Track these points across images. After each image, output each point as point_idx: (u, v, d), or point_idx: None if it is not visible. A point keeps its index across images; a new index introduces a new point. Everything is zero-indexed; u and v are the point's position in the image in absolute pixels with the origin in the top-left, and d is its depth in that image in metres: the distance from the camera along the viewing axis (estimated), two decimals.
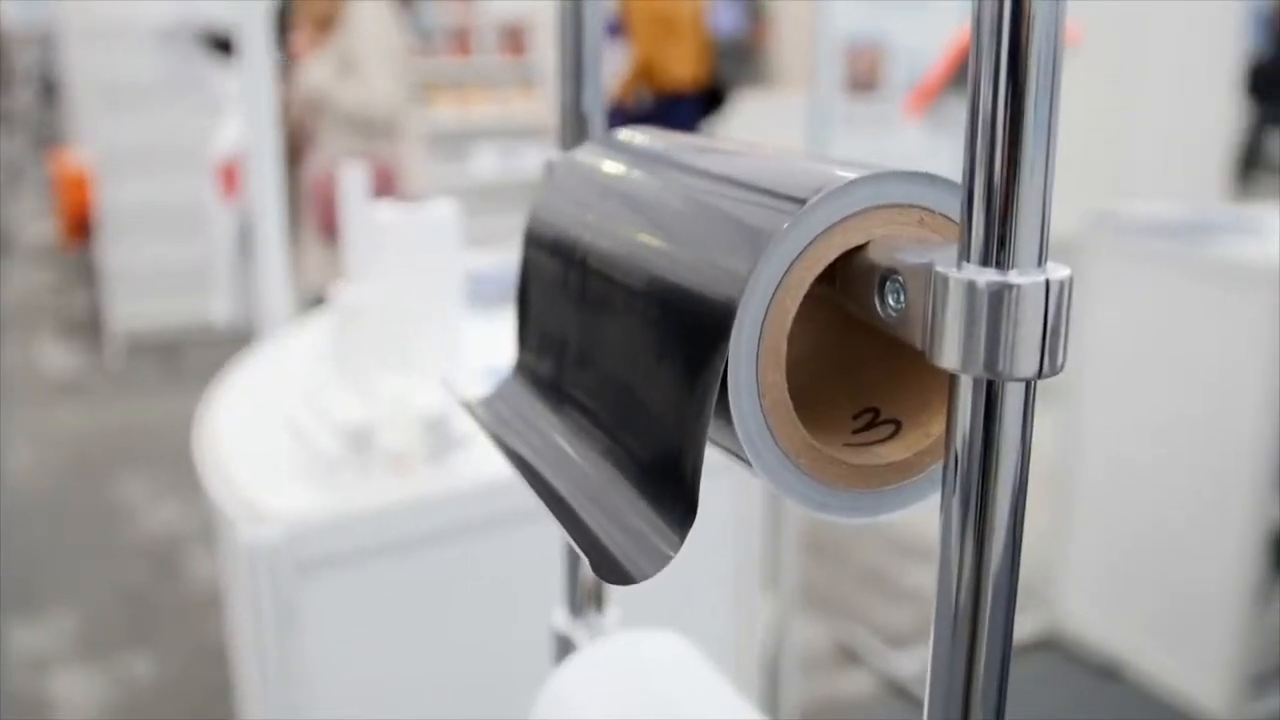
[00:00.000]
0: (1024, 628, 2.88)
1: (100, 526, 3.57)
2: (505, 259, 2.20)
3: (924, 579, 3.09)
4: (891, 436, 0.41)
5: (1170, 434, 2.59)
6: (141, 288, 5.28)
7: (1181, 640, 2.62)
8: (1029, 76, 0.32)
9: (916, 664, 2.63)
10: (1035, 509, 1.97)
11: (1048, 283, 0.33)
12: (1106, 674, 2.72)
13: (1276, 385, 2.34)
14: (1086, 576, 2.83)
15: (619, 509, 0.37)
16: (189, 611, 3.07)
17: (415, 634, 1.11)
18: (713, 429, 0.40)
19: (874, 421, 0.42)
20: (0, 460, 4.08)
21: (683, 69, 5.04)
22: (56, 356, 5.30)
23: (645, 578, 0.35)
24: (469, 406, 0.50)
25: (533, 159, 6.03)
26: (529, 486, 0.42)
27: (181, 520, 3.59)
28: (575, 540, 0.37)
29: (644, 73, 4.98)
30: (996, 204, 0.33)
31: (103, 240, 5.20)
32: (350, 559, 1.02)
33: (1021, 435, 0.34)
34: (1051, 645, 2.85)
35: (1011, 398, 0.33)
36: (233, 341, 3.25)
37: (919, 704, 0.42)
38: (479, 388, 0.54)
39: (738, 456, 0.39)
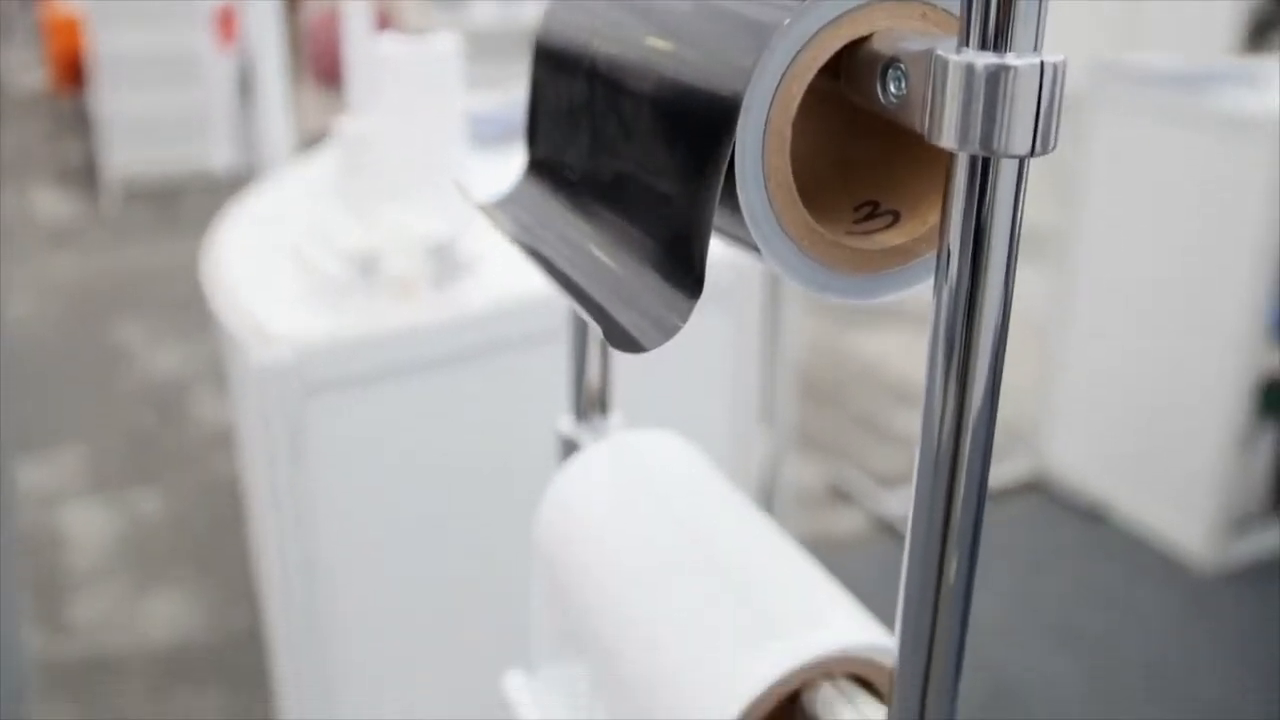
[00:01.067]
0: (1012, 472, 2.95)
1: (103, 370, 3.62)
2: (505, 100, 2.19)
3: (915, 424, 3.14)
4: (890, 225, 0.43)
5: (1164, 283, 2.61)
6: (136, 135, 5.24)
7: (1165, 484, 2.68)
8: None
9: (906, 505, 2.69)
10: (1025, 357, 2.02)
11: (1043, 64, 0.34)
12: (1092, 517, 2.79)
13: (1273, 234, 2.35)
14: (1074, 422, 2.89)
15: (630, 287, 0.39)
16: (194, 451, 3.13)
17: (421, 455, 1.14)
18: (722, 219, 0.42)
19: (874, 213, 0.44)
20: (0, 307, 4.10)
21: None
22: (52, 205, 5.28)
23: (655, 346, 0.37)
24: (482, 206, 0.52)
25: (533, 7, 5.93)
26: (542, 272, 0.44)
27: (184, 364, 3.63)
28: (588, 313, 0.40)
29: None
30: None
31: (96, 87, 5.14)
32: (358, 381, 1.05)
33: (1013, 213, 0.36)
34: (1039, 489, 2.92)
35: (1005, 174, 0.35)
36: (230, 187, 3.24)
37: None
38: (491, 193, 0.56)
39: (745, 243, 0.41)
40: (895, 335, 3.73)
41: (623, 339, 0.38)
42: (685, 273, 0.38)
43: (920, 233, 0.42)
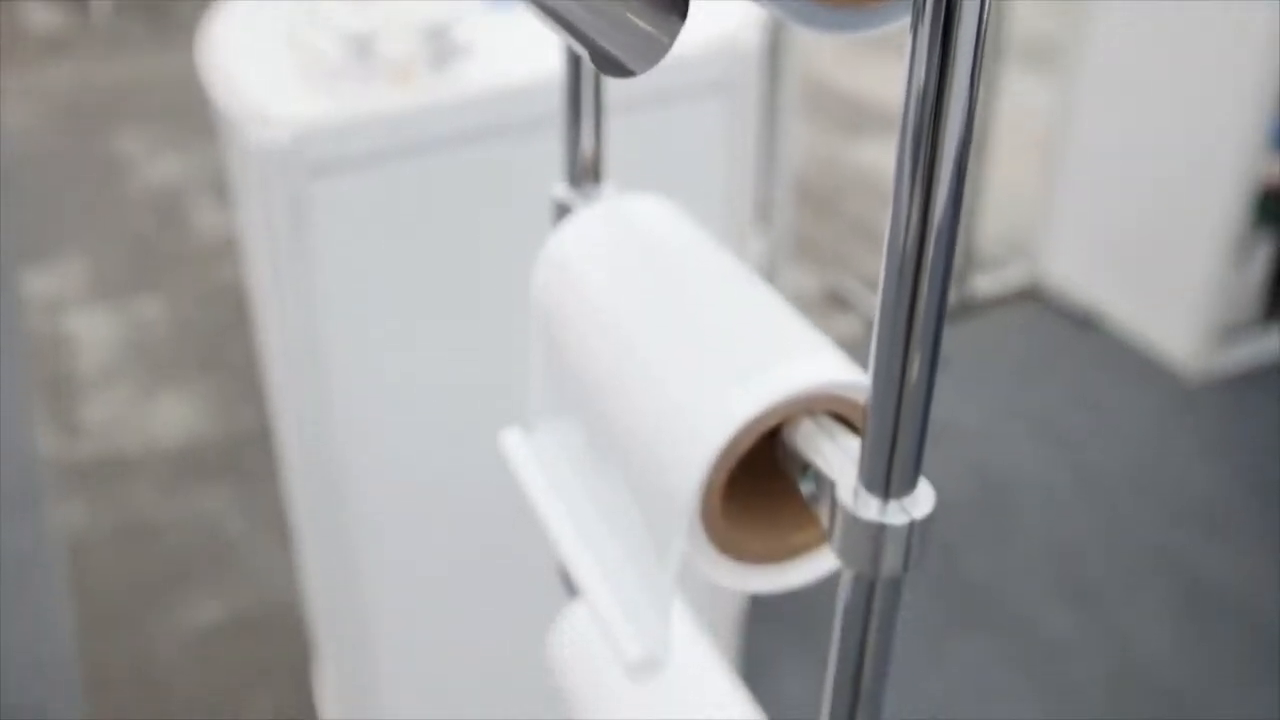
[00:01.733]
0: (1008, 280, 2.97)
1: (103, 179, 3.60)
2: None
3: None
4: None
5: (1166, 92, 2.59)
6: None
7: (1159, 293, 2.71)
8: None
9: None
10: (1025, 169, 2.02)
11: None
12: (1085, 323, 2.82)
13: (1276, 44, 2.32)
14: (1071, 230, 2.89)
15: (618, 15, 0.40)
16: (196, 258, 3.14)
17: (423, 238, 1.16)
18: None
19: None
20: None
21: None
22: (42, 15, 5.17)
23: (642, 71, 0.39)
24: None
25: None
26: (531, 7, 0.45)
27: (183, 172, 3.62)
28: (577, 42, 0.41)
29: None
30: None
31: None
32: (357, 163, 1.06)
33: None
34: (1034, 296, 2.94)
35: None
36: None
37: None
38: None
39: None
40: (893, 143, 3.70)
41: (611, 64, 0.39)
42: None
43: None
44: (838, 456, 0.50)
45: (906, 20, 0.44)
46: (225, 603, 2.04)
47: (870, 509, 0.47)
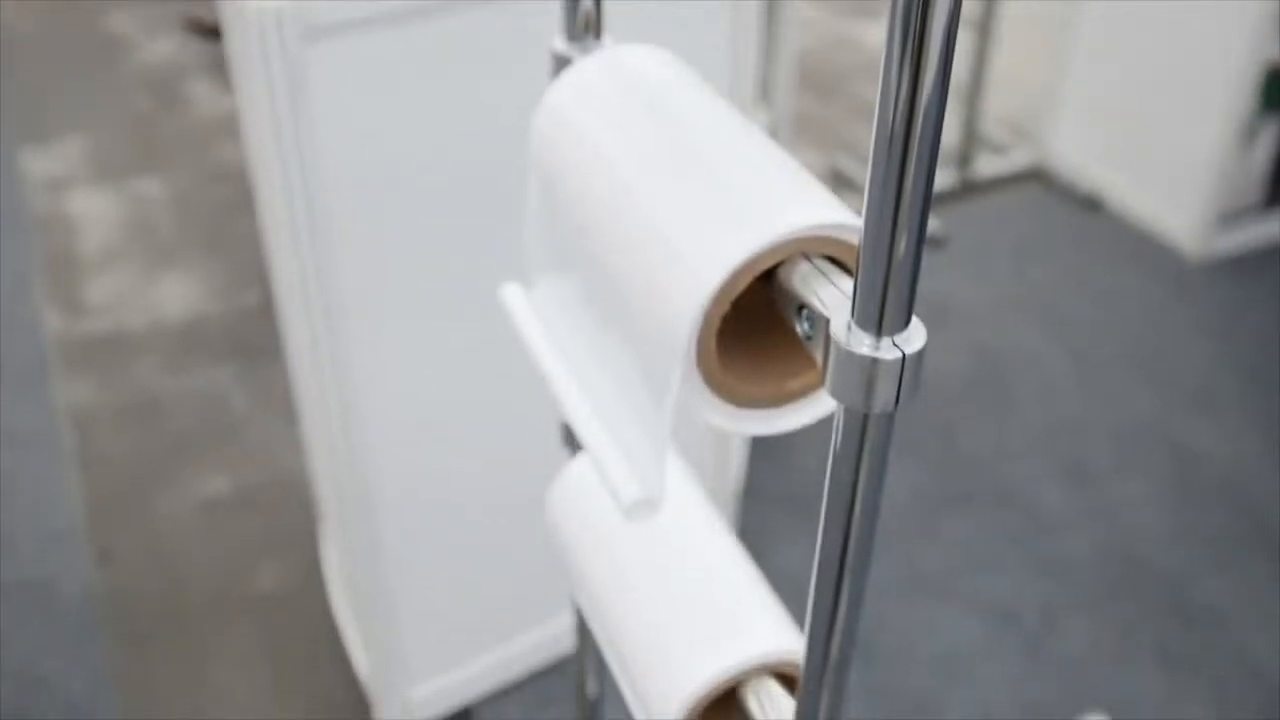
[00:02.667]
0: (1014, 162, 2.95)
1: (99, 61, 3.56)
2: None
3: None
4: None
5: None
6: None
7: (1163, 176, 2.69)
8: None
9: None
10: (1032, 55, 1.99)
11: None
12: (1089, 206, 2.81)
13: None
14: (1076, 114, 2.87)
15: None
16: (197, 138, 3.12)
17: (424, 102, 1.15)
18: None
19: None
20: None
21: None
22: None
23: None
24: None
25: None
26: None
27: (180, 52, 3.57)
28: None
29: None
30: None
31: None
32: (355, 26, 1.05)
33: None
34: (1038, 178, 2.93)
35: None
36: None
37: None
38: None
39: None
40: None
41: None
42: None
43: None
44: (832, 295, 0.51)
45: None
46: (231, 476, 2.07)
47: (863, 344, 0.48)
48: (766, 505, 1.98)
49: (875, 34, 3.60)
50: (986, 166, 2.91)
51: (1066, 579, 1.90)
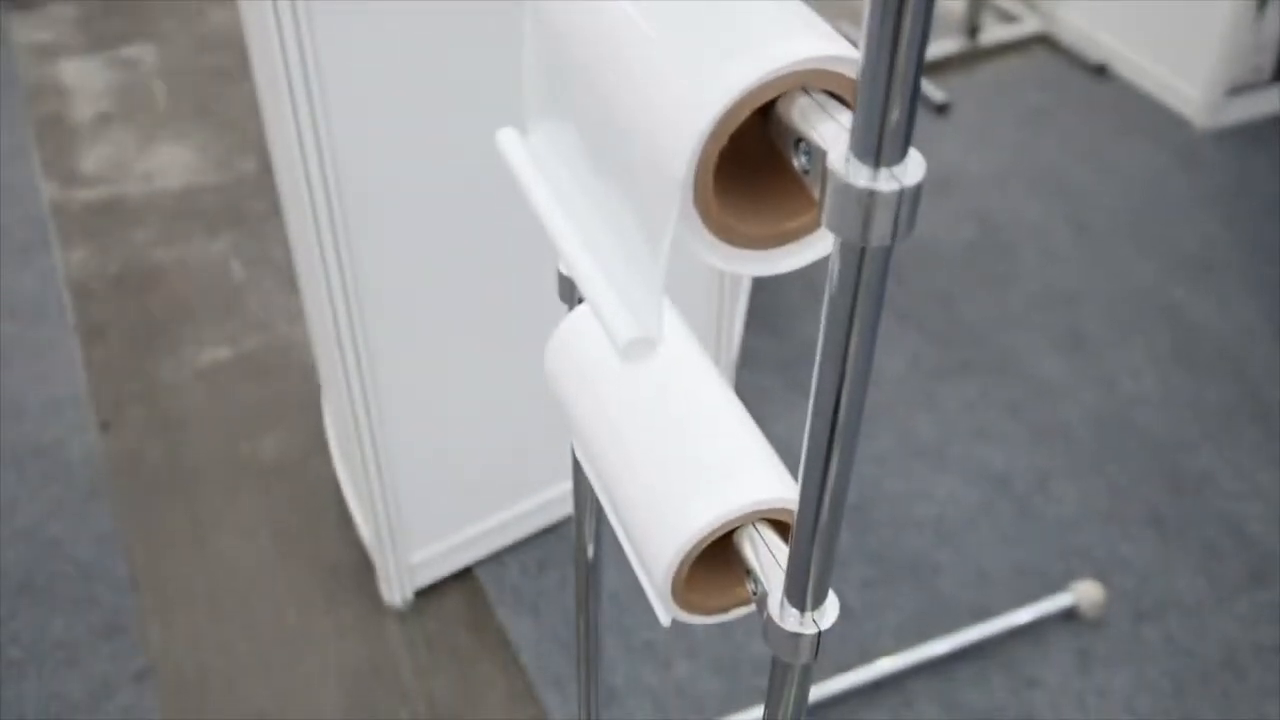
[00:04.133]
0: (1021, 29, 2.90)
1: None
2: None
3: None
4: None
5: None
6: None
7: (1172, 45, 2.64)
8: None
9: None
10: None
11: None
12: (1096, 73, 2.77)
13: None
14: None
15: None
16: (185, 4, 3.06)
17: (425, 35, 1.13)
18: None
19: None
20: None
21: None
22: None
23: None
24: None
25: None
26: None
27: None
28: None
29: None
30: None
31: None
32: None
33: None
34: (1047, 44, 2.88)
35: None
36: None
37: None
38: None
39: None
40: None
41: None
42: None
43: None
44: (830, 127, 0.50)
45: None
46: (232, 344, 2.07)
47: (861, 176, 0.48)
48: (764, 374, 1.99)
49: None
50: (994, 33, 2.86)
51: (1061, 445, 1.91)
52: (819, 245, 0.58)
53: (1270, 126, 2.64)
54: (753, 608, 0.68)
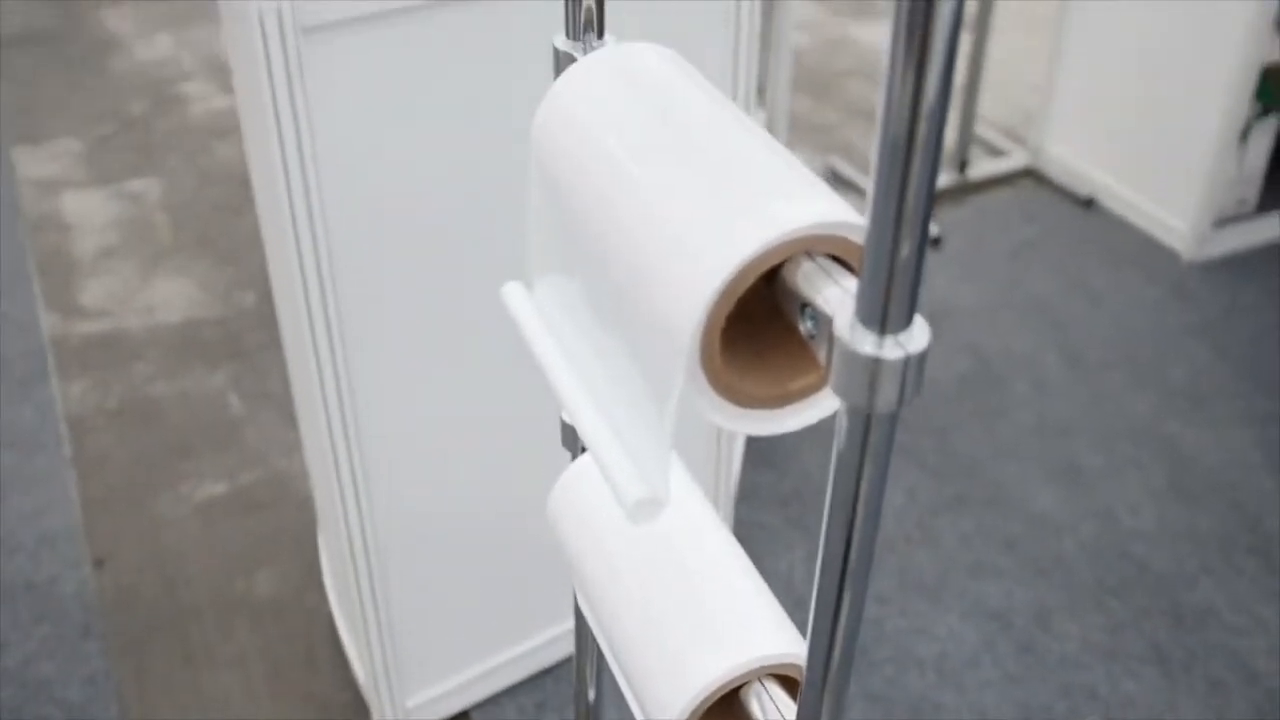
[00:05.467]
0: (1009, 163, 2.96)
1: (94, 60, 3.56)
2: None
3: None
4: None
5: None
6: None
7: (1159, 176, 2.70)
8: None
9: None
10: (1028, 57, 2.00)
11: None
12: (1083, 206, 2.82)
13: None
14: (1073, 116, 2.87)
15: None
16: (190, 138, 3.12)
17: (421, 96, 1.15)
18: None
19: None
20: None
21: None
22: None
23: None
24: None
25: None
26: None
27: (174, 52, 3.57)
28: None
29: None
30: None
31: None
32: (355, 22, 1.05)
33: None
34: (1034, 178, 2.93)
35: None
36: None
37: None
38: None
39: None
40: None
41: None
42: None
43: None
44: (835, 293, 0.51)
45: None
46: (229, 479, 2.06)
47: (866, 343, 0.48)
48: (763, 510, 1.98)
49: (871, 35, 3.60)
50: (982, 167, 2.92)
51: (1060, 580, 1.90)
52: (824, 405, 0.59)
53: (1257, 257, 2.68)
54: None
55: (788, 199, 0.54)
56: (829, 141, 3.07)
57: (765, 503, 1.99)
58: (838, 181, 2.84)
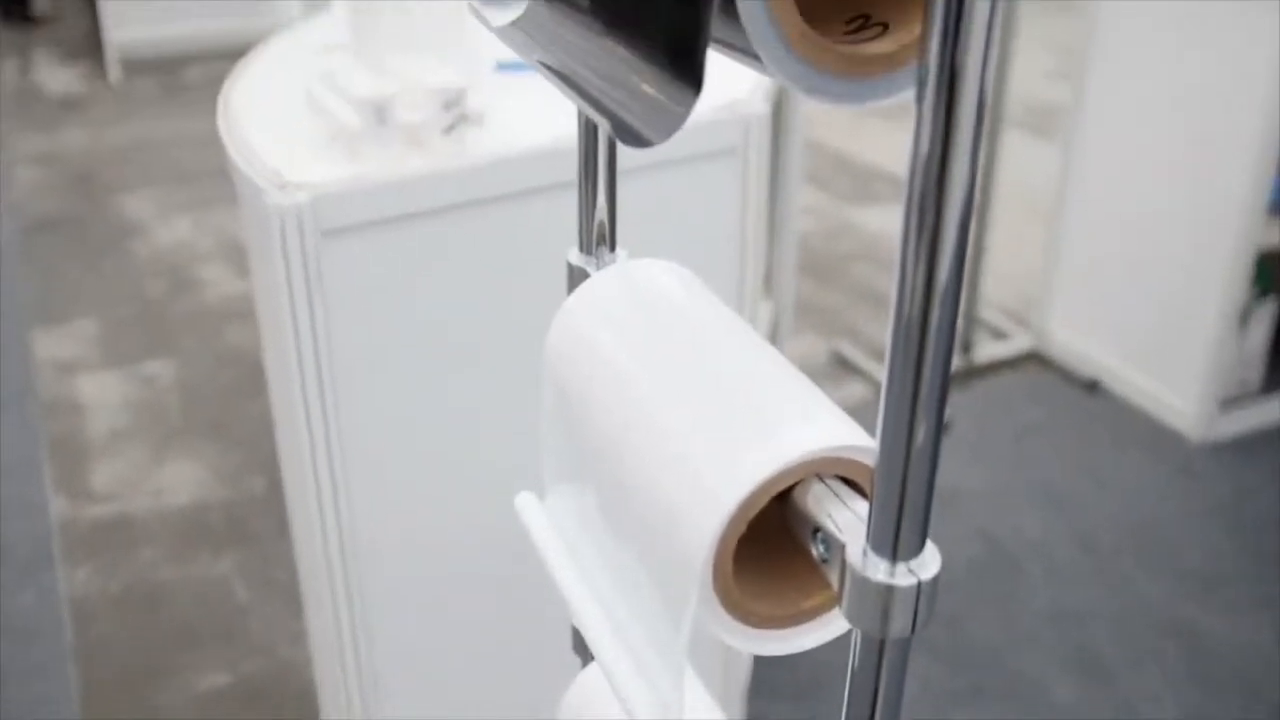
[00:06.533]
0: (1013, 347, 2.99)
1: (113, 242, 3.64)
2: None
3: None
4: (879, 35, 0.45)
5: (1167, 158, 2.62)
6: (139, 5, 5.19)
7: (1162, 358, 2.72)
8: None
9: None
10: (1028, 240, 2.04)
11: None
12: (1088, 388, 2.83)
13: (1275, 110, 2.35)
14: (1074, 299, 2.91)
15: (637, 88, 0.42)
16: (207, 322, 3.17)
17: (437, 299, 1.17)
18: (720, 29, 0.44)
19: (865, 24, 0.46)
20: (11, 179, 4.11)
21: None
22: (60, 77, 5.25)
23: (660, 141, 0.40)
24: (498, 29, 0.55)
25: None
26: (555, 82, 0.47)
27: (193, 236, 3.65)
28: (598, 114, 0.42)
29: None
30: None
31: None
32: (372, 226, 1.08)
33: (990, 13, 0.39)
34: (1037, 361, 2.96)
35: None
36: (231, 57, 3.23)
37: None
38: (500, 17, 0.58)
39: (741, 50, 0.44)
40: (897, 211, 3.73)
41: (631, 135, 0.41)
42: (688, 72, 0.41)
43: (907, 40, 0.44)
44: (847, 519, 0.51)
45: (911, 92, 0.45)
46: (231, 669, 2.03)
47: (879, 571, 0.48)
48: (777, 704, 1.94)
49: (875, 219, 3.68)
50: (987, 350, 2.95)
51: None
52: (836, 624, 0.59)
53: (1264, 439, 2.68)
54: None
55: (797, 423, 0.54)
56: (834, 325, 3.11)
57: (779, 697, 1.95)
58: (844, 367, 2.86)
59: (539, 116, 1.21)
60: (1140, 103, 2.66)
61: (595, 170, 0.71)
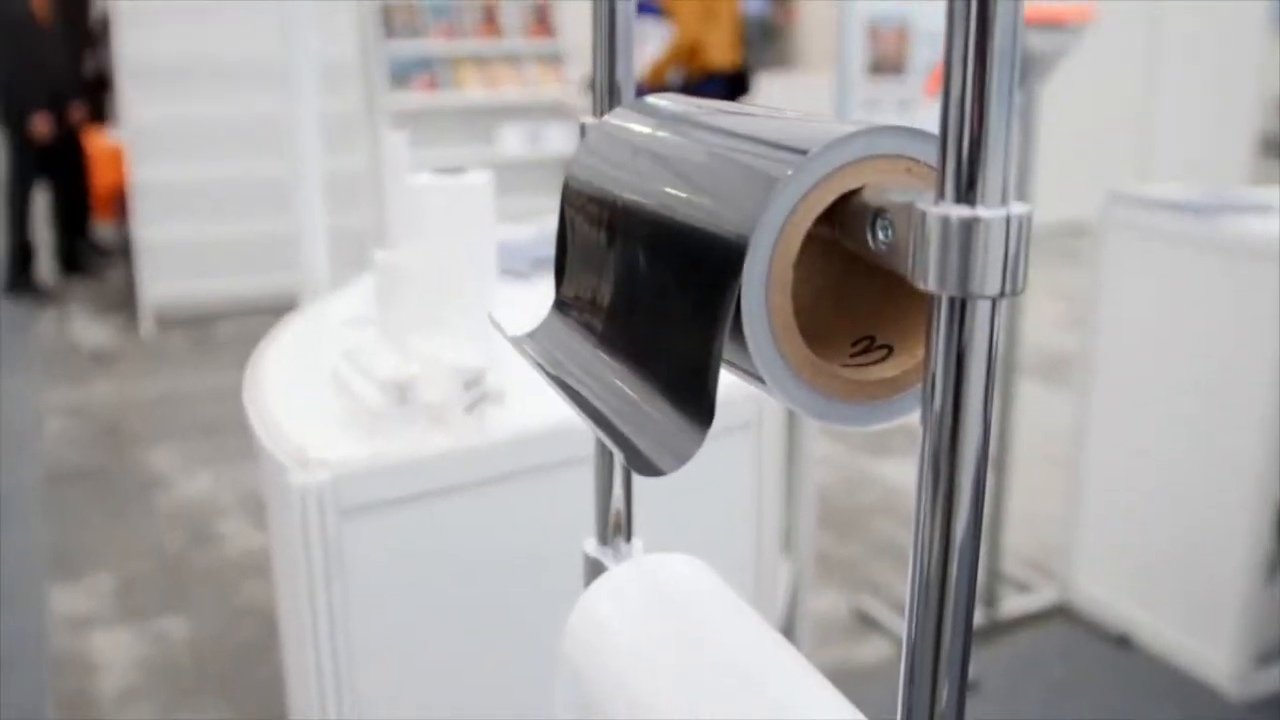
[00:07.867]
0: (1039, 600, 2.94)
1: (135, 495, 3.66)
2: (533, 232, 2.27)
3: None
4: (884, 359, 0.47)
5: (1182, 409, 2.64)
6: (174, 263, 5.39)
7: (1190, 612, 2.67)
8: (993, 51, 0.38)
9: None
10: (1048, 490, 2.05)
11: (1009, 217, 0.39)
12: (1118, 643, 2.77)
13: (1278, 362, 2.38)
14: (1098, 552, 2.88)
15: (649, 417, 0.44)
16: (225, 577, 3.15)
17: (453, 575, 1.17)
18: (730, 353, 0.46)
19: (870, 346, 0.48)
20: (40, 430, 4.18)
21: (721, 54, 5.12)
22: (93, 331, 5.39)
23: (672, 470, 0.41)
24: (514, 340, 0.57)
25: (558, 138, 6.10)
26: (569, 402, 0.48)
27: (214, 489, 3.68)
28: (611, 440, 0.44)
29: (685, 55, 5.05)
30: (967, 150, 0.39)
31: (137, 217, 5.31)
32: (392, 504, 1.09)
33: (989, 348, 0.40)
34: (1065, 615, 2.90)
35: (981, 313, 0.40)
36: (262, 313, 3.31)
37: None
38: (522, 326, 0.60)
39: (750, 374, 0.46)
40: (914, 463, 3.74)
41: (643, 464, 0.42)
42: (699, 404, 0.43)
43: (910, 365, 0.46)
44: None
45: (917, 413, 0.46)
46: None
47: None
48: None
49: (893, 471, 3.68)
50: (1012, 605, 2.90)
51: None
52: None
53: None
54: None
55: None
56: (856, 579, 3.07)
57: None
58: (866, 623, 2.82)
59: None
60: (1150, 353, 2.70)
61: (611, 461, 0.72)
